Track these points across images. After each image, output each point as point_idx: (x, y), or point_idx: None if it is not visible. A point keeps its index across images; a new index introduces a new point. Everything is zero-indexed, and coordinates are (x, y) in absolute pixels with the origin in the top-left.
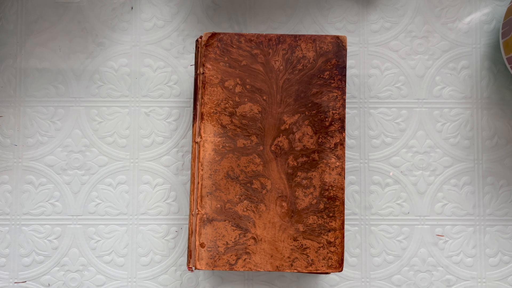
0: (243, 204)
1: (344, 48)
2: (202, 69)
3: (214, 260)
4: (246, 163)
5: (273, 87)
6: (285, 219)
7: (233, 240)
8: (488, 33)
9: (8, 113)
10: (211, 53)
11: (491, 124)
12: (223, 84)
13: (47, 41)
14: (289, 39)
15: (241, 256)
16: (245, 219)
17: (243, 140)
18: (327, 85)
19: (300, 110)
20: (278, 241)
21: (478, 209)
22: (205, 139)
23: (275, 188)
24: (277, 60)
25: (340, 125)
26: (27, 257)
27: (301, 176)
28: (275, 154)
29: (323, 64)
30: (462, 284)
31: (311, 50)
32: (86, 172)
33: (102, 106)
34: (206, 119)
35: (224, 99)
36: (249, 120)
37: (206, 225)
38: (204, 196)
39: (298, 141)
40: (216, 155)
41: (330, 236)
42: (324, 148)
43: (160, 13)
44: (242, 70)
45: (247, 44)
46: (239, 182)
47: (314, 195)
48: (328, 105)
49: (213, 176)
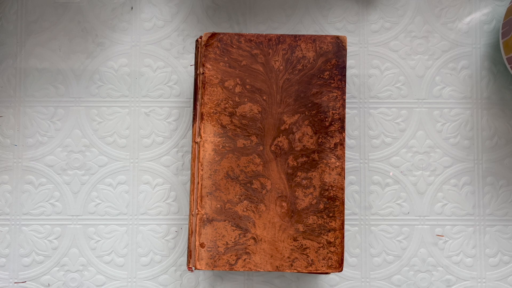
0: (243, 204)
1: (344, 48)
2: (202, 69)
3: (214, 260)
4: (246, 163)
5: (273, 87)
6: (285, 219)
7: (233, 240)
8: (488, 33)
9: (8, 113)
10: (211, 53)
11: (491, 124)
12: (223, 84)
13: (47, 41)
14: (289, 39)
15: (241, 256)
16: (245, 219)
17: (243, 140)
18: (327, 85)
19: (300, 110)
20: (278, 241)
21: (478, 209)
22: (205, 139)
23: (275, 188)
24: (277, 60)
25: (340, 125)
26: (27, 257)
27: (301, 176)
28: (275, 154)
29: (323, 64)
30: (462, 284)
31: (311, 50)
32: (86, 172)
33: (102, 106)
34: (206, 119)
35: (224, 99)
36: (249, 120)
37: (206, 225)
38: (204, 196)
39: (298, 141)
40: (216, 155)
41: (330, 236)
42: (324, 148)
43: (160, 13)
44: (242, 70)
45: (247, 44)
46: (239, 182)
47: (314, 195)
48: (328, 105)
49: (213, 176)
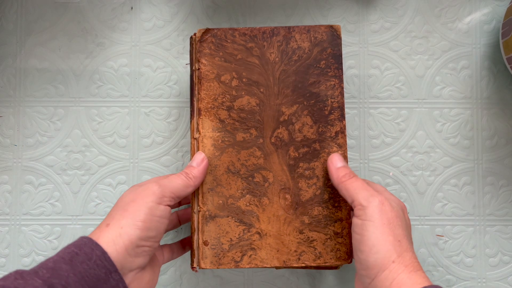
0: (245, 198)
1: (339, 37)
2: (198, 65)
3: (218, 258)
4: (246, 156)
5: (269, 79)
6: (289, 211)
7: (237, 237)
8: (488, 33)
9: (7, 113)
10: (206, 49)
11: (491, 124)
12: (219, 78)
13: (47, 41)
14: (283, 31)
15: (246, 253)
16: (249, 214)
17: (242, 134)
18: (324, 74)
19: (298, 101)
20: (283, 234)
21: (478, 209)
22: (204, 134)
23: (278, 180)
24: (273, 52)
25: (339, 113)
26: (26, 257)
27: (303, 167)
28: (276, 146)
29: (319, 54)
30: (462, 284)
31: (306, 40)
32: (86, 172)
33: (102, 106)
34: (203, 114)
35: (221, 93)
36: (247, 113)
37: (209, 222)
38: (205, 192)
39: (298, 131)
40: (216, 150)
41: (336, 226)
42: (325, 137)
43: (160, 13)
44: (237, 64)
45: (242, 38)
46: (241, 177)
47: (317, 185)
48: (326, 94)
49: (214, 172)
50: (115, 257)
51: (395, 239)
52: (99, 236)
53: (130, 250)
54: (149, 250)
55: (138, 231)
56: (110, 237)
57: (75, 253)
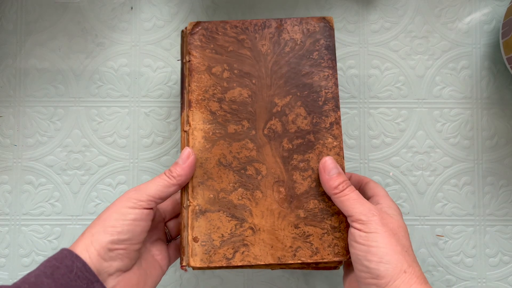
0: (237, 192)
1: (332, 28)
2: (188, 57)
3: (209, 255)
4: (238, 149)
5: (261, 71)
6: (284, 205)
7: (229, 232)
8: (488, 33)
9: (7, 113)
10: (197, 41)
11: (491, 124)
12: (210, 70)
13: (47, 41)
14: (275, 23)
15: (239, 249)
16: (241, 208)
17: (234, 126)
18: (317, 65)
19: (291, 92)
20: (278, 229)
21: (478, 209)
22: (194, 127)
23: (271, 173)
24: (264, 44)
25: (334, 103)
26: (26, 257)
27: (298, 158)
28: (269, 138)
29: (311, 45)
30: (462, 284)
31: (298, 32)
32: (85, 172)
33: (102, 106)
34: (194, 106)
35: (212, 85)
36: (239, 104)
37: (199, 217)
38: (195, 186)
39: (292, 122)
40: (206, 142)
41: (333, 220)
42: (320, 128)
43: (160, 13)
44: (229, 56)
45: (233, 31)
46: (232, 169)
47: (312, 177)
48: (319, 85)
49: (204, 165)
50: (90, 263)
51: (403, 249)
52: (76, 247)
53: (103, 254)
54: (125, 253)
55: (107, 235)
56: (83, 246)
57: (56, 267)
